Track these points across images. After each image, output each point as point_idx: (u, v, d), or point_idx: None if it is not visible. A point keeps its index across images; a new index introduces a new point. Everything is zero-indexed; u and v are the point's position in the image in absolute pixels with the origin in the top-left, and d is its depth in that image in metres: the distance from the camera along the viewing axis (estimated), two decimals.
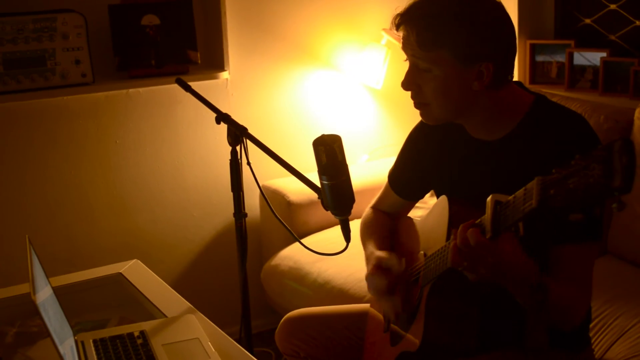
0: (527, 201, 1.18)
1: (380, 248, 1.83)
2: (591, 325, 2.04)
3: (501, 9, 1.57)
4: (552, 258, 1.54)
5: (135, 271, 2.14)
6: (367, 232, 1.93)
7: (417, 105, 1.64)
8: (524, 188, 1.21)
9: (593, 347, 1.88)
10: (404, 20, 1.57)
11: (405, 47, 1.59)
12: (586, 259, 1.56)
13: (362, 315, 1.94)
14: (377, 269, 1.73)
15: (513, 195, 1.24)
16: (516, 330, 1.59)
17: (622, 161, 1.01)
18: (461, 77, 1.54)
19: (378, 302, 1.84)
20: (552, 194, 1.12)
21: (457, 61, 1.53)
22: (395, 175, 1.94)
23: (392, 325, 1.78)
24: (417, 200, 1.98)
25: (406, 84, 1.62)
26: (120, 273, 2.13)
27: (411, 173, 1.89)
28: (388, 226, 1.96)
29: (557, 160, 1.44)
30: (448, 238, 1.53)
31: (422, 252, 1.69)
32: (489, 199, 1.31)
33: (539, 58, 3.09)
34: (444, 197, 1.63)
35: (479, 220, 1.36)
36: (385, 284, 1.69)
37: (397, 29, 1.59)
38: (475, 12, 1.53)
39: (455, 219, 1.54)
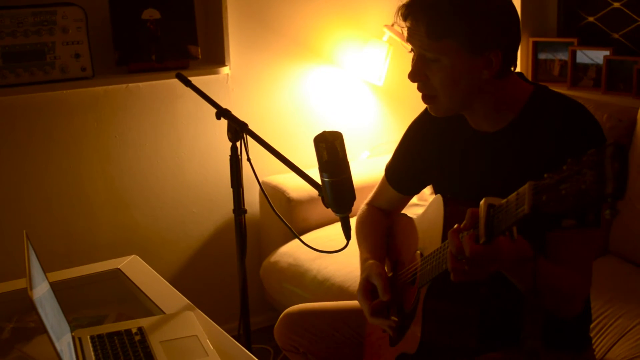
0: (519, 206, 1.17)
1: (375, 251, 1.82)
2: (592, 326, 2.03)
3: None
4: (553, 242, 1.52)
5: (134, 267, 2.14)
6: (363, 233, 1.92)
7: (425, 98, 1.62)
8: (516, 192, 1.19)
9: (594, 347, 1.87)
10: (411, 11, 1.55)
11: (412, 38, 1.56)
12: (587, 245, 1.54)
13: (361, 312, 1.93)
14: (364, 290, 1.73)
15: (506, 200, 1.23)
16: (515, 331, 1.57)
17: (614, 167, 0.99)
18: (470, 66, 1.53)
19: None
20: (544, 200, 1.11)
21: (466, 50, 1.51)
22: (393, 169, 1.93)
23: None
24: (413, 195, 1.96)
25: (413, 75, 1.59)
26: (119, 269, 2.12)
27: (409, 167, 1.87)
28: (384, 225, 1.94)
29: (559, 149, 1.42)
30: (443, 239, 1.53)
31: (418, 251, 1.68)
32: (482, 202, 1.29)
33: (542, 56, 3.08)
34: (438, 197, 1.62)
35: (464, 224, 1.35)
36: (369, 309, 1.70)
37: (404, 20, 1.57)
38: (483, 0, 1.52)
39: (450, 219, 1.53)
